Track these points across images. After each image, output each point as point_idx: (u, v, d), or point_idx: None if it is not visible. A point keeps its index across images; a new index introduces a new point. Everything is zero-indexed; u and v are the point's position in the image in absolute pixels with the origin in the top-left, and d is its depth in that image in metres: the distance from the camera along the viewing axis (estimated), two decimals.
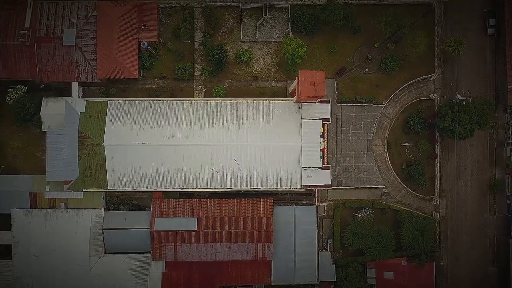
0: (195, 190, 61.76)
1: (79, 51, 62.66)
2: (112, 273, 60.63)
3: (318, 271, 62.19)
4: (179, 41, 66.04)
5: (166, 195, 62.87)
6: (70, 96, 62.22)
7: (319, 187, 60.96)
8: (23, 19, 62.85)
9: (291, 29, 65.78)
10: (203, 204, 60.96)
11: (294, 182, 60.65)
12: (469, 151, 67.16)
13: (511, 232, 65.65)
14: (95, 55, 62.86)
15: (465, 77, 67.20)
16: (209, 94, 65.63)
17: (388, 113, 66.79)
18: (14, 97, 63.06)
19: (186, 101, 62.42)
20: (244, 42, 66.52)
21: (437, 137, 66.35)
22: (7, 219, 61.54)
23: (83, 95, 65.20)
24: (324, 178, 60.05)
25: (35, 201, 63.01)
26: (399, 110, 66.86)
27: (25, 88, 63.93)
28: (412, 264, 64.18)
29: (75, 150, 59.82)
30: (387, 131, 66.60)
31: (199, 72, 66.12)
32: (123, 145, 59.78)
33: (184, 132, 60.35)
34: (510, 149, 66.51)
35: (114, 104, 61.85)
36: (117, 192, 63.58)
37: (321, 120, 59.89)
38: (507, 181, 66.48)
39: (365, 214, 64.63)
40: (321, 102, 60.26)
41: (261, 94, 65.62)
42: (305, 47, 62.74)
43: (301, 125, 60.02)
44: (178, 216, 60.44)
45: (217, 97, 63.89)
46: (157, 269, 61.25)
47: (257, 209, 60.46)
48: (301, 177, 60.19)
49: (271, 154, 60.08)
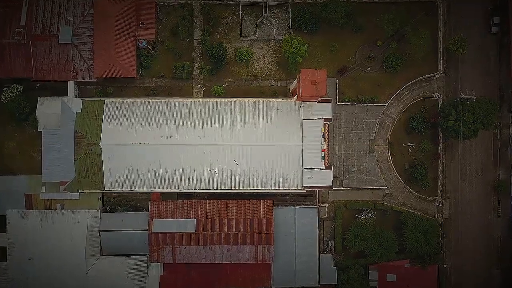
0: (193, 191, 60.60)
1: (75, 50, 61.47)
2: (109, 275, 59.48)
3: (319, 273, 61.10)
4: (177, 39, 64.86)
5: (164, 196, 61.74)
6: (66, 95, 61.17)
7: (320, 188, 59.79)
8: (18, 17, 61.63)
9: (291, 27, 64.65)
10: (202, 206, 59.81)
11: (294, 183, 59.50)
12: (472, 152, 66.00)
13: None
14: (92, 53, 61.65)
15: (468, 76, 66.06)
16: (208, 93, 64.48)
17: (391, 112, 65.61)
18: (9, 96, 61.85)
19: (185, 100, 61.26)
20: (244, 41, 65.36)
21: (440, 137, 65.20)
22: (2, 220, 60.42)
23: (79, 94, 64.00)
24: (325, 179, 58.89)
25: (30, 202, 61.83)
26: (401, 110, 65.71)
27: (21, 87, 62.71)
28: (415, 267, 63.05)
29: (71, 150, 58.71)
30: (389, 131, 65.44)
31: (198, 71, 64.94)
32: (120, 145, 58.63)
33: (183, 132, 59.20)
34: None
35: (111, 104, 60.71)
36: (114, 193, 62.38)
37: (323, 120, 58.74)
38: (511, 182, 65.25)
39: (367, 216, 63.47)
40: (322, 101, 59.08)
41: (261, 93, 64.46)
42: (306, 46, 61.55)
43: (302, 125, 58.86)
44: (176, 218, 59.27)
45: (216, 96, 62.72)
46: (155, 271, 60.16)
47: (257, 210, 59.30)
48: (302, 178, 59.03)
49: (271, 155, 58.95)
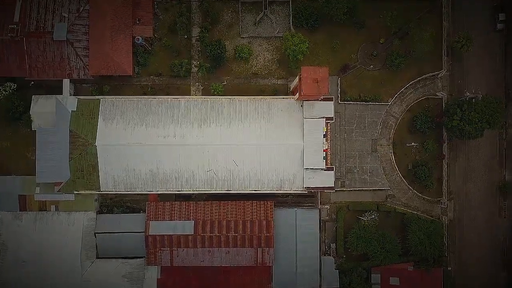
0: (192, 192, 59.12)
1: (70, 47, 59.88)
2: (104, 279, 57.91)
3: (320, 277, 59.64)
4: (175, 36, 63.31)
5: (162, 197, 60.20)
6: (61, 93, 59.61)
7: (321, 189, 58.26)
8: (12, 13, 60.07)
9: (292, 24, 63.10)
10: (200, 207, 58.29)
11: (295, 184, 57.96)
12: (478, 152, 64.48)
13: None
14: (87, 50, 60.09)
15: (473, 74, 64.53)
16: (206, 92, 62.93)
17: (394, 111, 64.08)
18: (3, 95, 60.48)
19: (183, 99, 59.73)
20: (243, 38, 63.80)
21: (445, 137, 63.66)
22: None
23: (75, 92, 62.42)
24: (327, 179, 57.36)
25: (24, 204, 60.29)
26: (405, 109, 64.18)
27: (15, 86, 61.26)
28: (418, 270, 61.58)
29: (65, 150, 57.26)
30: (392, 130, 63.89)
31: (197, 69, 63.37)
32: (116, 145, 57.14)
33: (180, 131, 57.67)
34: None
35: (107, 102, 59.22)
36: (110, 194, 60.90)
37: (324, 119, 57.19)
38: None
39: (369, 217, 61.95)
40: (324, 100, 57.54)
41: (261, 91, 62.89)
42: (307, 43, 60.06)
43: (303, 124, 57.34)
44: (174, 220, 57.76)
45: (215, 95, 61.18)
46: (152, 274, 58.59)
47: (256, 212, 57.77)
48: (303, 178, 57.51)
49: (272, 155, 57.44)
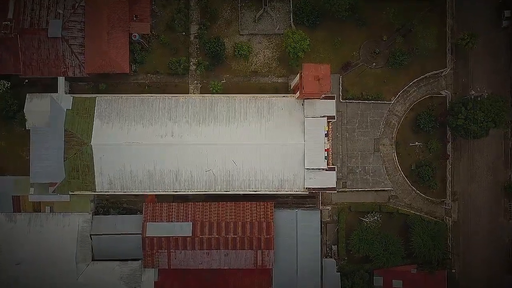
0: (190, 193, 57.72)
1: (65, 44, 58.44)
2: (100, 281, 56.52)
3: (321, 279, 58.26)
4: (173, 33, 61.89)
5: (159, 198, 58.78)
6: (56, 92, 58.24)
7: (323, 189, 56.88)
8: (6, 9, 58.65)
9: (293, 21, 61.69)
10: (199, 208, 56.91)
11: (296, 184, 56.57)
12: (482, 152, 63.07)
13: None
14: (83, 48, 58.65)
15: (478, 72, 63.13)
16: (205, 90, 61.50)
17: (397, 110, 62.69)
18: None
19: (181, 97, 58.36)
20: (243, 35, 62.40)
21: (449, 136, 62.28)
22: None
23: (70, 91, 61.02)
24: (328, 180, 55.99)
25: (18, 205, 58.96)
26: (408, 108, 62.79)
27: (8, 84, 59.83)
28: (422, 272, 60.23)
29: (60, 150, 55.93)
30: (395, 130, 62.52)
31: (195, 67, 61.94)
32: (112, 144, 55.77)
33: (178, 130, 56.28)
34: None
35: (103, 101, 57.84)
36: (107, 195, 59.51)
37: (326, 118, 55.81)
38: None
39: (372, 219, 60.58)
40: (325, 98, 56.16)
41: (261, 90, 61.48)
42: (308, 40, 58.62)
43: (303, 123, 55.96)
44: (171, 221, 56.38)
45: (213, 93, 59.76)
46: (149, 277, 57.17)
47: (256, 213, 56.37)
48: (304, 179, 56.13)
49: (272, 155, 56.06)
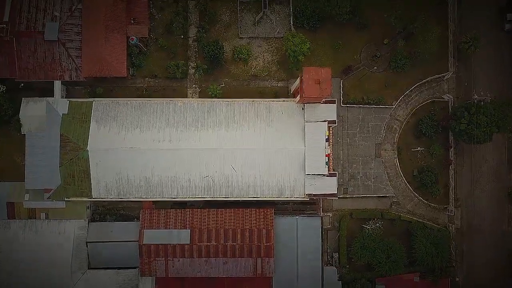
0: (188, 199, 56.54)
1: (62, 47, 57.50)
2: None
3: (322, 287, 56.89)
4: (171, 36, 60.99)
5: (157, 204, 57.60)
6: (52, 96, 57.27)
7: (324, 196, 55.74)
8: (1, 12, 57.74)
9: (293, 24, 60.84)
10: (197, 215, 55.70)
11: (296, 190, 55.43)
12: (486, 157, 62.06)
13: None
14: (79, 51, 57.72)
15: (481, 76, 62.22)
16: (204, 94, 60.53)
17: (398, 115, 61.70)
18: None
19: (179, 101, 57.32)
20: (242, 38, 61.51)
21: (452, 141, 61.26)
22: None
23: (67, 95, 60.00)
24: (329, 186, 54.88)
25: (13, 211, 57.64)
26: (409, 112, 61.81)
27: (4, 88, 58.81)
28: (425, 280, 58.93)
29: (56, 155, 54.83)
30: (397, 134, 61.49)
31: (193, 70, 61.00)
32: (109, 149, 54.67)
33: (176, 135, 55.21)
34: None
35: (100, 105, 56.79)
36: (103, 201, 58.33)
37: (327, 123, 54.77)
38: None
39: (373, 226, 59.44)
40: (326, 102, 55.16)
41: (260, 94, 60.51)
42: (309, 43, 57.74)
43: (304, 128, 54.92)
44: (169, 228, 55.17)
45: (212, 97, 58.78)
46: (146, 286, 55.96)
47: (256, 220, 55.18)
48: (304, 185, 55.00)
49: (272, 160, 54.98)
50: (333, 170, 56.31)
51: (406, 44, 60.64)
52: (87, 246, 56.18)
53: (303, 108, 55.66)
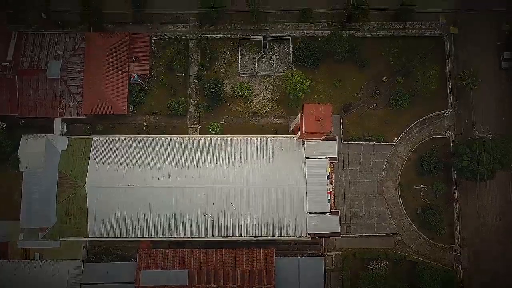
0: (187, 239, 54.96)
1: (64, 85, 57.93)
2: None
3: None
4: (172, 74, 61.63)
5: (155, 244, 55.96)
6: (52, 133, 56.98)
7: (326, 235, 54.21)
8: (5, 50, 58.70)
9: (292, 62, 61.62)
10: (196, 255, 53.95)
11: (298, 229, 53.96)
12: (490, 193, 61.01)
13: None
14: (81, 88, 58.15)
15: (481, 113, 62.32)
16: (204, 131, 60.34)
17: (399, 152, 61.23)
18: None
19: (179, 138, 57.00)
20: (242, 76, 62.11)
21: (454, 178, 60.39)
22: None
23: (67, 132, 59.78)
24: (332, 225, 53.45)
25: (6, 252, 56.14)
26: (411, 149, 61.39)
27: (4, 125, 58.67)
28: None
29: (53, 193, 53.91)
30: (399, 172, 60.76)
31: (194, 108, 61.16)
32: (107, 187, 53.75)
33: (176, 172, 54.46)
34: None
35: (99, 142, 56.44)
36: (99, 241, 56.66)
37: (327, 159, 54.15)
38: None
39: (378, 266, 57.45)
40: (326, 139, 54.78)
41: (260, 131, 60.34)
42: (308, 81, 58.30)
43: (305, 164, 54.26)
44: (167, 269, 53.30)
45: (213, 134, 58.46)
46: None
47: (256, 260, 53.37)
48: (306, 223, 53.61)
49: (272, 198, 53.92)
50: (335, 208, 55.14)
51: (405, 82, 61.18)
52: None
53: (303, 145, 55.27)
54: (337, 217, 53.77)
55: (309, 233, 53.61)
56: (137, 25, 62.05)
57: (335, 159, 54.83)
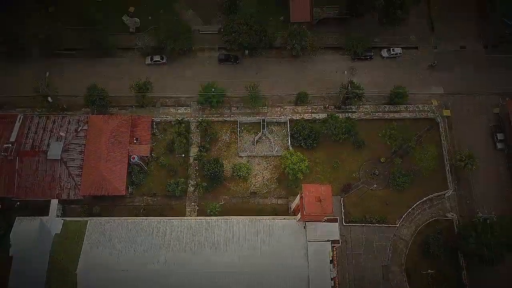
0: None
1: (63, 166, 58.13)
2: None
3: None
4: (172, 155, 62.19)
5: None
6: (47, 215, 55.73)
7: None
8: (10, 132, 59.82)
9: (290, 144, 62.57)
10: None
11: None
12: (502, 280, 57.95)
13: None
14: (80, 170, 58.25)
15: (481, 193, 61.80)
16: (202, 212, 59.17)
17: (403, 234, 59.59)
18: None
19: (176, 220, 55.73)
20: (241, 157, 62.63)
21: (462, 262, 57.91)
22: None
23: (62, 213, 58.60)
24: None
25: None
26: (414, 231, 59.82)
27: None
28: None
29: (42, 279, 51.33)
30: (404, 255, 58.55)
31: (193, 188, 60.72)
32: (100, 272, 51.35)
33: (172, 257, 52.36)
34: None
35: (95, 224, 55.10)
36: None
37: (330, 242, 52.37)
38: None
39: None
40: (327, 221, 53.56)
41: (260, 211, 59.25)
42: (307, 162, 58.76)
43: (306, 247, 52.37)
44: None
45: (211, 215, 57.28)
46: None
47: None
48: None
49: (273, 283, 51.16)
50: None
51: (403, 162, 61.65)
52: None
53: (304, 227, 53.85)
54: None
55: None
56: (140, 108, 64.03)
57: (337, 242, 53.11)
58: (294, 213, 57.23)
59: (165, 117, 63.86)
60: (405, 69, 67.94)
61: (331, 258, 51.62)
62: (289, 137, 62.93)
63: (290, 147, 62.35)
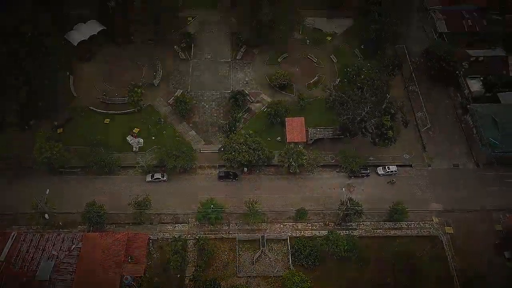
0: None
1: (52, 287, 54.66)
2: None
3: None
4: (167, 275, 59.07)
5: None
6: None
7: None
8: (1, 251, 57.66)
9: (291, 262, 60.07)
10: None
11: None
12: None
13: None
14: None
15: None
16: None
17: None
18: None
19: None
20: (240, 277, 59.46)
21: None
22: None
23: None
24: None
25: None
26: None
27: None
28: None
29: None
30: None
31: None
32: None
33: None
34: None
35: None
36: None
37: None
38: None
39: None
40: None
41: None
42: (309, 282, 55.72)
43: None
44: None
45: None
46: None
47: None
48: None
49: None
50: None
51: (411, 282, 58.21)
52: None
53: None
54: None
55: None
56: (138, 225, 63.06)
57: None
58: None
59: (162, 234, 62.53)
60: (402, 186, 68.92)
61: None
62: (290, 256, 60.69)
63: (292, 266, 59.73)
